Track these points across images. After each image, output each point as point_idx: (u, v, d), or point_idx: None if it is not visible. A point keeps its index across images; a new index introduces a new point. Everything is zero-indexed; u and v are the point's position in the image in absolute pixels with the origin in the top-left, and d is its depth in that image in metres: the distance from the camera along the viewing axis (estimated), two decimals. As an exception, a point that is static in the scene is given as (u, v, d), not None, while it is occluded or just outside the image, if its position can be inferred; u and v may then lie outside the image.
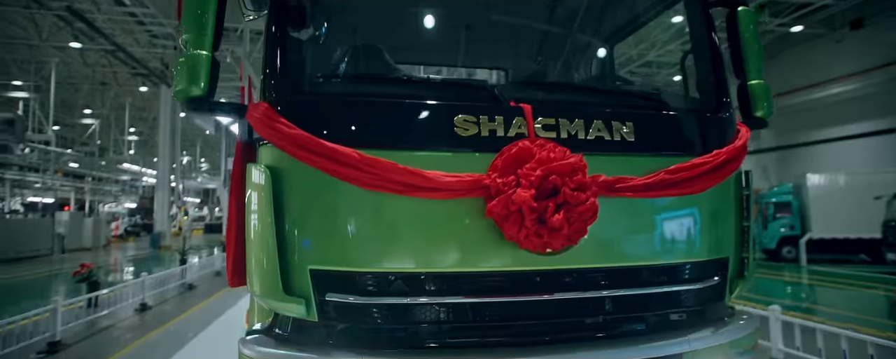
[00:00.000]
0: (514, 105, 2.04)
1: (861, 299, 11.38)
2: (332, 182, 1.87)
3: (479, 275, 1.97)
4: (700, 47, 2.61)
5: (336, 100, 2.02)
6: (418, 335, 1.97)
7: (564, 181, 1.80)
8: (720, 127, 2.40)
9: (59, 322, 7.22)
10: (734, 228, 2.37)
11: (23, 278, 17.08)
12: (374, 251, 1.94)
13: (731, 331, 2.26)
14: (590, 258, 2.02)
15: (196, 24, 2.04)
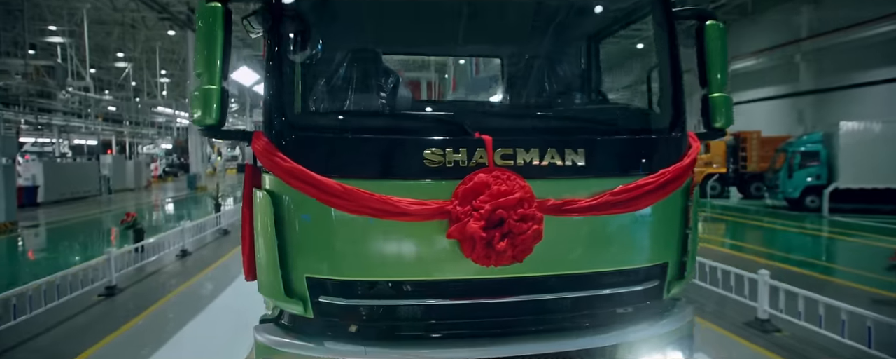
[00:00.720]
0: (478, 136, 2.35)
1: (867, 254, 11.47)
2: (321, 206, 2.27)
3: (443, 282, 2.38)
4: (663, 66, 2.80)
5: (325, 137, 2.35)
6: (394, 329, 2.43)
7: (509, 214, 2.14)
8: (669, 147, 2.63)
9: (114, 268, 8.14)
10: (677, 236, 2.68)
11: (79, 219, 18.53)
12: (357, 263, 2.35)
13: (665, 324, 2.63)
14: (540, 268, 2.39)
15: (206, 61, 2.38)
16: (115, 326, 6.47)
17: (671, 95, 2.76)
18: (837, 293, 7.68)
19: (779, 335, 5.99)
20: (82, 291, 7.33)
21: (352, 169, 2.29)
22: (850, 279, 8.62)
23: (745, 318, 6.51)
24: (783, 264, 9.88)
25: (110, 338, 6.06)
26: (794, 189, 18.35)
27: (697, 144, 2.76)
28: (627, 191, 2.40)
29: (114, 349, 5.75)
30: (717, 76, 2.83)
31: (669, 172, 2.51)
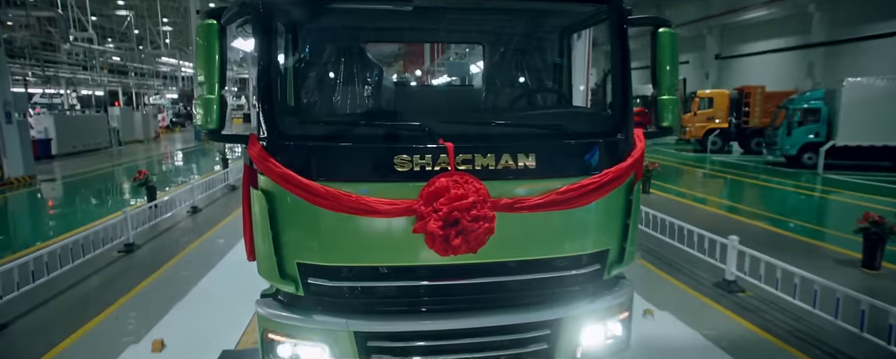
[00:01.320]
0: (441, 143, 2.70)
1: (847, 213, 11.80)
2: (308, 205, 2.67)
3: (412, 267, 2.81)
4: (614, 73, 3.08)
5: (311, 145, 2.71)
6: (370, 305, 2.89)
7: (463, 215, 2.53)
8: (613, 149, 2.95)
9: (130, 227, 8.74)
10: (618, 227, 3.06)
11: (93, 173, 19.14)
12: (339, 251, 2.78)
13: (605, 301, 3.08)
14: (495, 255, 2.80)
15: (205, 72, 2.72)
16: (136, 281, 7.10)
17: (620, 101, 3.07)
18: (807, 253, 8.20)
19: (742, 296, 6.51)
20: (104, 248, 7.94)
21: (334, 173, 2.68)
22: (822, 239, 9.06)
23: (715, 279, 7.02)
24: (763, 223, 10.31)
25: (134, 291, 6.71)
26: (792, 146, 18.49)
27: (642, 143, 3.10)
28: (572, 190, 2.77)
29: (138, 301, 6.39)
30: (667, 80, 3.13)
31: (611, 173, 2.87)
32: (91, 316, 5.90)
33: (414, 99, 3.15)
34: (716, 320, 5.82)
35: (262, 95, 2.73)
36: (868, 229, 7.24)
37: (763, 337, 5.38)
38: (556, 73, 3.65)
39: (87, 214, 12.12)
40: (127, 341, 5.20)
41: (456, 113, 2.96)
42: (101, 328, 5.64)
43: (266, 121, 2.74)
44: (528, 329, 2.94)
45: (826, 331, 5.36)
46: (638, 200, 3.11)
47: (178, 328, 5.47)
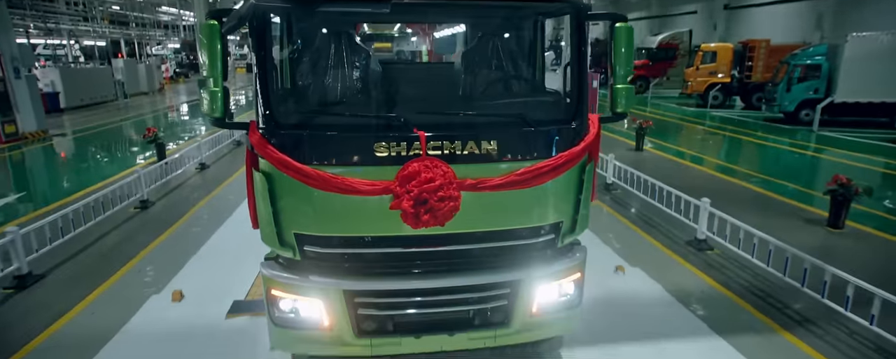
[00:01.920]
0: (415, 132, 3.11)
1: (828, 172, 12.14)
2: (301, 185, 3.12)
3: (391, 237, 3.28)
4: (573, 65, 3.42)
5: (303, 134, 3.12)
6: (355, 268, 3.39)
7: (430, 196, 2.98)
8: (567, 135, 3.33)
9: (144, 185, 9.29)
10: (571, 202, 3.49)
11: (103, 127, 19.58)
12: (329, 224, 3.25)
13: (558, 264, 3.57)
14: (461, 226, 3.25)
15: (210, 67, 3.09)
16: (153, 236, 7.73)
17: (577, 92, 3.44)
18: (780, 213, 8.69)
19: (710, 253, 7.05)
20: (122, 205, 8.53)
21: (323, 158, 3.12)
22: (799, 199, 9.46)
23: (688, 237, 7.55)
24: (747, 183, 10.74)
25: (152, 246, 7.34)
26: (791, 103, 18.60)
27: (596, 128, 3.50)
28: (529, 172, 3.20)
29: (156, 255, 7.02)
30: (622, 70, 3.48)
31: (565, 156, 3.28)
32: (115, 269, 6.54)
33: (399, 81, 3.50)
34: (682, 277, 6.37)
35: (261, 89, 3.13)
36: (835, 191, 7.67)
37: (721, 292, 5.95)
38: (528, 58, 3.98)
39: (101, 169, 12.70)
40: (149, 292, 5.85)
41: (433, 99, 3.33)
42: (125, 280, 6.29)
43: (264, 112, 3.16)
44: (490, 289, 3.47)
45: (776, 286, 5.91)
46: (589, 179, 3.55)
47: (193, 280, 6.11)
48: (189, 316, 5.31)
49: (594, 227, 8.05)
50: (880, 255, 6.93)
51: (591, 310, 5.40)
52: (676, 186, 8.35)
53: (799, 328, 5.11)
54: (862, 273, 5.05)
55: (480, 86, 3.58)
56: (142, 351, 4.71)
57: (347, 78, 3.43)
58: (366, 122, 3.26)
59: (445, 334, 3.50)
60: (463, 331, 3.53)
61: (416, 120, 3.15)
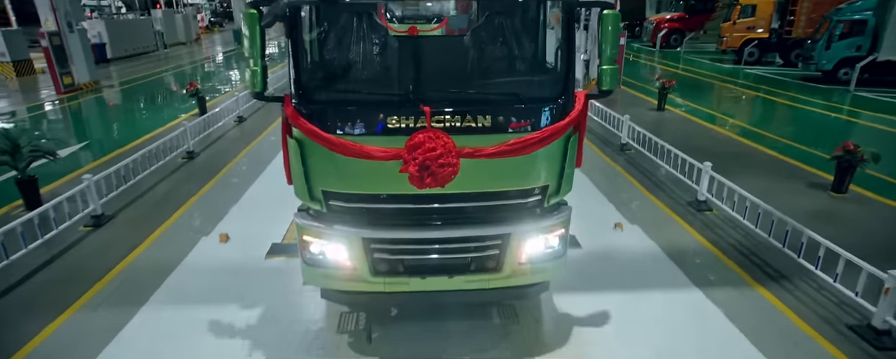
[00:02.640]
0: (422, 107, 3.67)
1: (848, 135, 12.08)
2: (327, 150, 3.76)
3: (400, 195, 3.91)
4: (561, 48, 3.85)
5: (329, 109, 3.73)
6: (371, 219, 4.05)
7: (433, 163, 3.56)
8: (554, 111, 3.81)
9: (190, 137, 10.20)
10: (556, 169, 4.01)
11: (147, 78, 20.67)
12: (349, 183, 3.89)
13: (545, 221, 4.14)
14: (460, 187, 3.83)
15: (251, 49, 3.69)
16: (200, 184, 8.66)
17: (564, 72, 3.91)
18: (788, 177, 8.96)
19: (708, 214, 7.51)
20: (171, 156, 9.48)
21: (345, 129, 3.74)
22: (809, 162, 9.61)
23: (690, 198, 7.99)
24: (763, 146, 10.89)
25: (199, 194, 8.27)
26: (829, 61, 18.01)
27: (580, 104, 3.97)
28: (518, 143, 3.73)
29: (204, 202, 7.95)
30: (608, 53, 3.91)
31: (550, 130, 3.80)
32: (170, 213, 7.50)
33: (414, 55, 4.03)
34: (677, 235, 6.90)
35: (294, 70, 3.73)
36: (841, 157, 7.91)
37: (710, 250, 6.46)
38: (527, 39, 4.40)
39: (150, 120, 13.72)
40: (200, 234, 6.77)
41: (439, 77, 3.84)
42: (179, 222, 7.24)
43: (296, 90, 3.78)
44: (483, 240, 4.12)
45: (762, 246, 6.38)
46: (574, 149, 4.06)
47: (236, 225, 7.00)
48: (234, 255, 6.20)
49: (602, 186, 8.60)
50: (874, 219, 7.24)
51: (587, 261, 6.08)
52: (690, 147, 8.70)
53: (773, 284, 5.64)
54: (850, 237, 5.49)
55: (482, 64, 4.06)
56: (199, 282, 5.63)
57: (367, 57, 3.97)
58: (380, 98, 3.85)
59: (446, 276, 4.21)
60: (461, 274, 4.23)
61: (423, 97, 3.72)
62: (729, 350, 4.56)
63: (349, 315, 5.00)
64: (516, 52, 4.10)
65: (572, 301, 5.28)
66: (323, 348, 4.58)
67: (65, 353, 4.50)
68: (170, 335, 4.72)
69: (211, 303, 5.19)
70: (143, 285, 5.52)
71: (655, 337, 4.72)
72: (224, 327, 4.82)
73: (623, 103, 15.44)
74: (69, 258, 6.19)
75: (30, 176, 7.21)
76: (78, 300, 5.27)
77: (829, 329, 4.85)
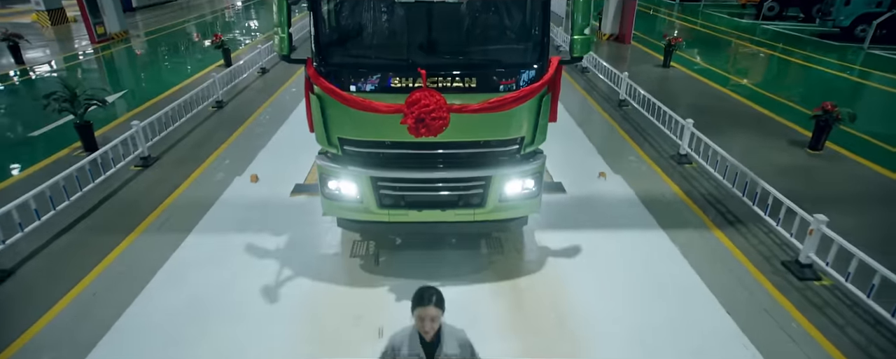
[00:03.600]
0: (419, 70, 4.44)
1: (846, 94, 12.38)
2: (341, 105, 4.59)
3: (402, 142, 4.75)
4: (538, 21, 4.55)
5: (342, 69, 4.52)
6: (378, 162, 4.92)
7: (427, 116, 4.36)
8: (531, 74, 4.53)
9: (219, 87, 11.08)
10: (531, 123, 4.78)
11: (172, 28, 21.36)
12: (360, 131, 4.73)
13: (521, 166, 4.95)
14: (451, 137, 4.64)
15: (278, 18, 4.50)
16: (230, 131, 9.61)
17: (540, 41, 4.61)
18: (770, 134, 9.55)
19: (687, 167, 8.24)
20: (203, 105, 10.41)
21: (357, 86, 4.55)
22: (798, 121, 10.13)
23: (674, 152, 8.71)
24: (756, 104, 11.36)
25: (230, 140, 9.23)
26: (847, 17, 17.87)
27: (553, 68, 4.69)
28: (498, 101, 4.50)
29: (235, 146, 8.92)
30: (579, 24, 4.59)
31: (525, 90, 4.55)
32: (206, 155, 8.50)
33: (414, 26, 4.76)
34: (655, 184, 7.68)
35: (314, 38, 4.53)
36: (819, 116, 8.48)
37: (681, 198, 7.25)
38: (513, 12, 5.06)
39: (179, 70, 14.59)
40: (233, 175, 7.77)
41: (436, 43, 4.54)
42: (214, 164, 8.24)
43: (316, 54, 4.58)
44: (470, 181, 4.98)
45: (727, 195, 7.15)
46: (547, 106, 4.82)
47: (264, 167, 7.98)
48: (264, 193, 7.21)
49: (595, 139, 9.34)
50: (837, 174, 7.90)
51: (569, 204, 6.95)
52: (686, 104, 9.30)
53: (728, 227, 6.46)
54: (810, 189, 6.22)
55: (470, 34, 4.77)
56: (235, 214, 6.66)
57: (374, 27, 4.71)
58: (385, 62, 4.64)
59: (439, 209, 5.12)
60: (451, 208, 5.14)
61: (420, 61, 4.50)
62: (677, 279, 5.46)
63: (360, 243, 6.00)
64: (499, 23, 4.81)
65: (551, 237, 6.19)
66: (338, 268, 5.61)
67: (136, 262, 5.61)
68: (214, 256, 5.78)
69: (245, 231, 6.23)
70: (190, 216, 6.58)
71: (617, 267, 5.63)
72: (257, 251, 5.86)
73: (631, 60, 15.78)
74: (126, 193, 7.26)
75: (86, 121, 8.21)
76: (139, 226, 6.36)
77: (766, 264, 5.70)
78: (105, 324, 4.67)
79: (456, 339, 2.64)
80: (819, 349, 4.47)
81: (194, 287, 5.21)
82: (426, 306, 2.49)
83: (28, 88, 12.80)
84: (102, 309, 4.88)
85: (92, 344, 4.42)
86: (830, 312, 4.94)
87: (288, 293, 5.15)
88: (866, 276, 4.73)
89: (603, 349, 4.44)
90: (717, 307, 5.00)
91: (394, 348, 2.62)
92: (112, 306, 4.91)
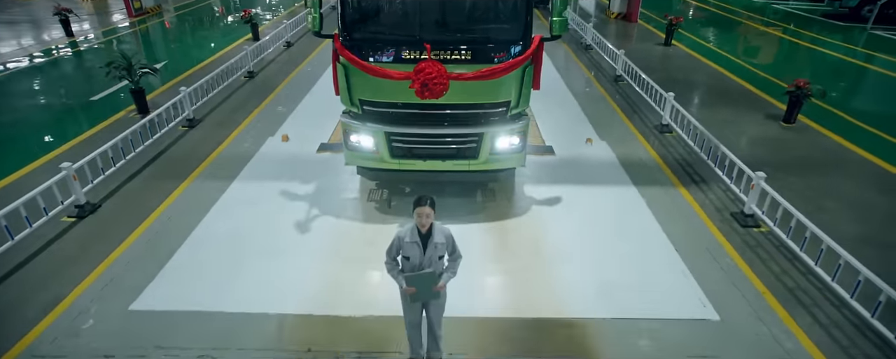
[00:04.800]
0: (425, 45, 5.50)
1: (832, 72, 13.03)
2: (362, 72, 5.68)
3: (410, 103, 5.83)
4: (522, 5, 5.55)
5: (363, 44, 5.60)
6: (392, 119, 6.02)
7: (430, 82, 5.41)
8: (516, 49, 5.55)
9: (250, 58, 12.24)
10: (516, 89, 5.82)
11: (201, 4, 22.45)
12: (376, 93, 5.81)
13: (509, 126, 6.02)
14: (449, 100, 5.68)
15: (312, 1, 5.60)
16: (261, 98, 10.79)
17: (523, 24, 5.62)
18: (750, 109, 10.41)
19: (668, 135, 9.21)
20: (236, 75, 11.59)
21: (375, 57, 5.64)
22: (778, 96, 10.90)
23: (656, 122, 9.66)
24: (745, 81, 12.15)
25: (262, 105, 10.42)
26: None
27: (534, 45, 5.70)
28: (489, 71, 5.53)
29: (267, 111, 10.10)
30: (558, 6, 5.60)
31: (510, 62, 5.57)
32: (242, 119, 9.70)
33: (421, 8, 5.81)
34: (635, 150, 8.68)
35: (340, 17, 5.61)
36: (792, 92, 9.33)
37: (657, 162, 8.25)
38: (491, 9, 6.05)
39: (212, 42, 15.76)
40: (267, 135, 8.97)
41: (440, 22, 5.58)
42: (249, 126, 9.44)
43: (342, 30, 5.67)
44: (466, 137, 6.06)
45: (697, 160, 8.13)
46: (530, 76, 5.86)
47: (293, 129, 9.15)
48: (294, 150, 8.39)
49: (588, 109, 10.33)
50: (801, 142, 8.80)
51: (556, 165, 8.01)
52: (679, 80, 10.18)
53: (692, 185, 7.47)
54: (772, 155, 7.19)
55: (469, 15, 5.80)
56: (270, 167, 7.86)
57: (389, 9, 5.78)
58: (398, 38, 5.71)
59: (440, 160, 6.24)
60: (451, 159, 6.24)
61: (426, 37, 5.56)
62: (639, 225, 6.52)
63: (376, 190, 7.17)
64: (492, 6, 5.84)
65: (538, 190, 7.28)
66: (357, 209, 6.79)
67: (194, 200, 6.85)
68: (255, 198, 6.99)
69: (279, 180, 7.42)
70: (232, 167, 7.80)
71: (590, 215, 6.71)
72: (289, 196, 7.06)
73: (635, 38, 16.51)
74: (177, 148, 8.51)
75: (139, 87, 9.45)
76: (191, 174, 7.60)
77: (717, 215, 6.73)
78: (181, 237, 5.99)
79: (442, 233, 3.78)
80: (743, 277, 5.54)
81: (241, 219, 6.45)
82: (423, 206, 3.62)
83: (81, 59, 14.12)
84: (177, 229, 6.19)
85: (170, 253, 5.71)
86: (760, 251, 5.98)
87: (316, 226, 6.36)
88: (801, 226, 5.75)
89: (568, 270, 5.56)
90: (668, 246, 6.08)
91: (399, 238, 3.77)
92: (182, 228, 6.20)
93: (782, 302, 5.13)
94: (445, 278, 3.84)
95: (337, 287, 5.28)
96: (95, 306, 4.98)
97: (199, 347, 4.51)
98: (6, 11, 19.78)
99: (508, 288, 5.33)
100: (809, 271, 5.47)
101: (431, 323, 4.09)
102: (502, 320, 4.86)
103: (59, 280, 5.31)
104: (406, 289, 3.76)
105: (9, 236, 5.55)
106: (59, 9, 14.95)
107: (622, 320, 4.90)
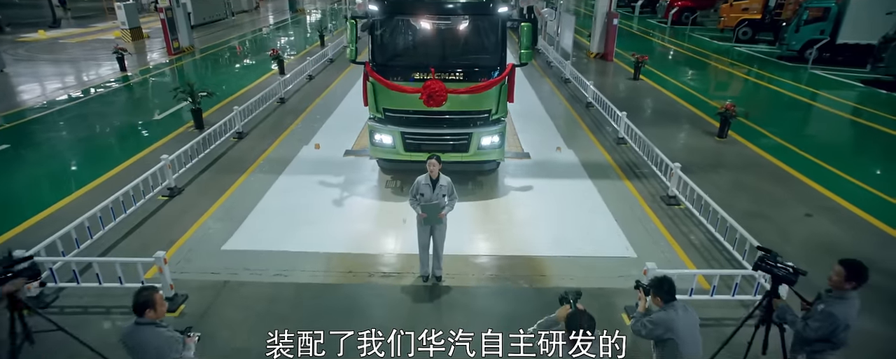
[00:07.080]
0: (431, 69, 7.82)
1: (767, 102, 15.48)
2: (387, 89, 7.97)
3: (421, 110, 8.05)
4: (499, 42, 7.95)
5: (387, 68, 7.91)
6: (405, 122, 8.21)
7: (434, 95, 7.66)
8: (495, 72, 7.86)
9: (282, 88, 14.67)
10: (495, 101, 8.09)
11: (228, 43, 25.22)
12: (395, 103, 8.03)
13: (489, 128, 8.21)
14: (447, 108, 7.93)
15: (351, 37, 7.97)
16: (294, 118, 13.12)
17: (500, 55, 7.99)
18: (693, 127, 12.74)
19: (623, 146, 11.47)
20: (270, 102, 13.98)
21: (395, 79, 7.96)
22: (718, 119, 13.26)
23: (614, 137, 11.97)
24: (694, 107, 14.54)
25: (295, 123, 12.73)
26: (797, 42, 20.95)
27: (507, 70, 8.03)
28: (474, 88, 7.81)
29: (299, 128, 12.39)
30: (525, 43, 7.97)
31: (491, 82, 7.86)
32: (280, 133, 11.99)
33: (428, 43, 8.22)
34: (595, 156, 10.91)
35: (372, 48, 8.00)
36: (722, 113, 11.69)
37: (610, 163, 10.47)
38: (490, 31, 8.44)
39: (245, 76, 18.26)
40: (302, 144, 11.23)
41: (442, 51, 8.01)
42: (287, 138, 11.70)
43: (372, 58, 8.04)
44: (458, 136, 8.28)
45: (641, 162, 10.35)
46: (505, 92, 8.16)
47: (323, 139, 11.43)
48: (324, 155, 10.62)
49: (561, 128, 12.66)
50: (725, 151, 11.06)
51: (531, 165, 10.23)
52: (639, 107, 12.48)
53: (635, 179, 9.66)
54: (701, 160, 9.51)
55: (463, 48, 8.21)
56: (308, 166, 10.07)
57: (405, 43, 8.18)
58: (411, 64, 8.06)
59: (441, 153, 8.42)
60: (449, 152, 8.46)
61: (431, 64, 7.91)
62: (591, 205, 8.66)
63: (391, 180, 9.36)
64: (478, 43, 8.25)
65: (515, 182, 9.47)
66: (376, 192, 8.97)
67: (253, 188, 9.02)
68: (298, 186, 9.16)
69: (316, 174, 9.61)
70: (278, 166, 10.01)
71: (554, 198, 8.87)
72: (325, 184, 9.23)
73: (608, 74, 19.11)
74: (232, 153, 10.74)
75: (198, 107, 11.78)
76: (247, 170, 9.80)
77: (651, 198, 8.90)
78: (248, 209, 8.13)
79: (446, 179, 5.97)
80: (659, 233, 7.67)
81: (290, 199, 8.61)
82: (432, 158, 5.82)
83: (140, 87, 16.58)
84: (245, 204, 8.34)
85: (243, 218, 7.86)
86: (678, 221, 8.13)
87: (347, 204, 8.52)
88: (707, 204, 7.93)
89: (533, 230, 7.69)
90: (610, 217, 8.22)
91: (418, 182, 5.94)
92: (249, 203, 8.36)
93: (682, 246, 7.26)
94: (446, 209, 6.00)
95: (365, 237, 7.41)
96: (199, 246, 7.09)
97: (274, 270, 6.59)
98: (64, 52, 22.45)
99: (490, 239, 7.45)
100: (706, 231, 7.61)
101: (436, 244, 6.20)
102: (485, 256, 6.98)
103: (169, 233, 7.43)
104: (421, 214, 5.92)
105: (123, 209, 7.67)
106: (116, 48, 17.55)
107: (570, 257, 7.00)
